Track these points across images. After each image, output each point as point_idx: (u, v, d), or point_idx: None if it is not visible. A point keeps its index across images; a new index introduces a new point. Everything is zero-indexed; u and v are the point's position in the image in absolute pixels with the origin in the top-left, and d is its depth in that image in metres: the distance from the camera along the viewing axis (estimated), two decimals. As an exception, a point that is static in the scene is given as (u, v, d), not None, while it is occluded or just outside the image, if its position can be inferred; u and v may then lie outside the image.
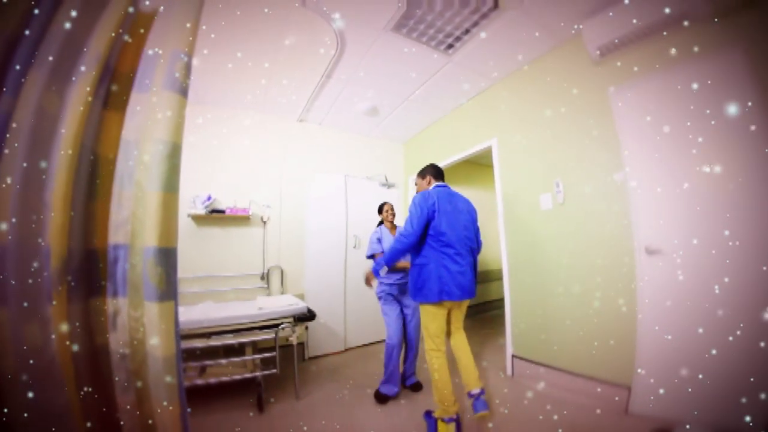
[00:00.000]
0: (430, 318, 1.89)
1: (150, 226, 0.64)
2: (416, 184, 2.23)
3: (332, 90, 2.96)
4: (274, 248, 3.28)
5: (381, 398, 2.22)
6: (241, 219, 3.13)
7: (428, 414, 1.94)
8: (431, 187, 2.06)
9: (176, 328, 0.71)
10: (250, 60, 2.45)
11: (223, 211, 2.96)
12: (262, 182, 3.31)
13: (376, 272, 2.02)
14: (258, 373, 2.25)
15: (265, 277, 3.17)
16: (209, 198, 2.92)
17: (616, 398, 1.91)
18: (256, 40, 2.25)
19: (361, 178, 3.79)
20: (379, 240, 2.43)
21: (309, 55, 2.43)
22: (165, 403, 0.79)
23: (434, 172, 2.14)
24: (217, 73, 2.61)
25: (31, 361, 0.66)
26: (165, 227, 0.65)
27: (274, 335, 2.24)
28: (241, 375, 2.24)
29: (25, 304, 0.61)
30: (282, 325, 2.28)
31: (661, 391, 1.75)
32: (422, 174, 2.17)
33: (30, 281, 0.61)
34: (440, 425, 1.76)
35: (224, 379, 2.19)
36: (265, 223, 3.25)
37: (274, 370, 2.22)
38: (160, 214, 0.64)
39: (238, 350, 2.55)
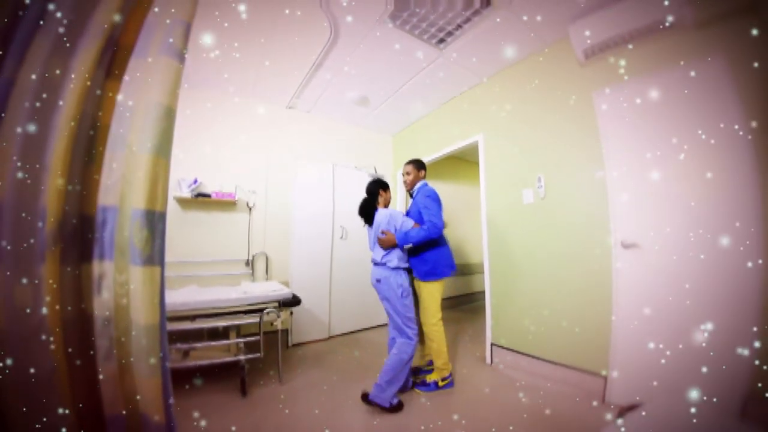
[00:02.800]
0: (438, 294, 2.20)
1: (138, 188, 0.65)
2: (408, 173, 2.34)
3: (323, 78, 2.96)
4: (260, 235, 3.27)
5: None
6: (227, 204, 3.11)
7: (423, 384, 2.18)
8: (421, 183, 2.31)
9: (161, 296, 0.72)
10: (241, 42, 2.42)
11: (209, 195, 2.93)
12: (249, 168, 3.28)
13: (401, 244, 2.07)
14: (242, 357, 2.27)
15: (250, 263, 3.17)
16: (195, 181, 2.89)
17: (592, 387, 2.00)
18: (248, 22, 2.22)
19: (350, 167, 3.80)
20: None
21: (301, 41, 2.42)
22: (146, 375, 0.78)
23: (426, 169, 2.39)
24: (206, 55, 2.57)
25: (21, 321, 0.66)
26: (153, 190, 0.66)
27: (258, 320, 2.25)
28: (225, 359, 2.25)
29: (18, 263, 0.62)
30: (266, 310, 2.29)
31: (635, 380, 1.84)
32: (419, 166, 2.36)
33: (24, 241, 0.62)
34: (441, 383, 2.16)
35: (208, 362, 2.20)
36: (250, 209, 3.23)
37: (257, 354, 2.24)
38: (149, 176, 0.65)
39: (222, 334, 2.56)
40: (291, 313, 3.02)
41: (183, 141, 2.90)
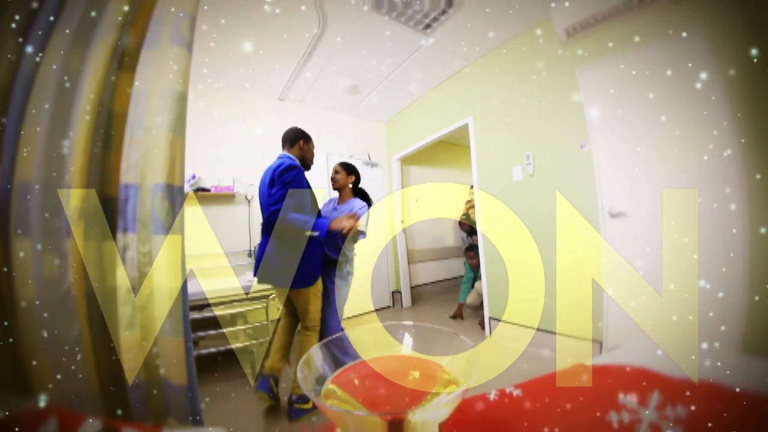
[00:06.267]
0: None
1: (158, 165, 0.73)
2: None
3: (313, 68, 3.00)
4: (260, 226, 3.33)
5: None
6: (226, 197, 3.17)
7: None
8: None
9: (183, 262, 0.80)
10: (230, 34, 2.46)
11: (208, 190, 2.99)
12: (245, 161, 3.32)
13: None
14: (252, 342, 2.37)
15: (252, 254, 3.24)
16: (194, 177, 2.94)
17: (587, 353, 2.08)
18: (238, 13, 2.26)
19: (343, 156, 3.86)
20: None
21: (290, 32, 2.46)
22: (170, 334, 0.86)
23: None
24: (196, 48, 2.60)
25: (49, 292, 0.73)
26: (172, 165, 0.74)
27: (264, 306, 2.34)
28: (234, 345, 2.35)
29: (47, 237, 0.69)
30: (272, 296, 2.38)
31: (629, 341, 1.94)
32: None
33: (52, 216, 0.69)
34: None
35: (219, 349, 2.30)
36: (249, 201, 3.29)
37: (265, 339, 2.33)
38: (167, 154, 0.73)
39: (230, 322, 2.65)
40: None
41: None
